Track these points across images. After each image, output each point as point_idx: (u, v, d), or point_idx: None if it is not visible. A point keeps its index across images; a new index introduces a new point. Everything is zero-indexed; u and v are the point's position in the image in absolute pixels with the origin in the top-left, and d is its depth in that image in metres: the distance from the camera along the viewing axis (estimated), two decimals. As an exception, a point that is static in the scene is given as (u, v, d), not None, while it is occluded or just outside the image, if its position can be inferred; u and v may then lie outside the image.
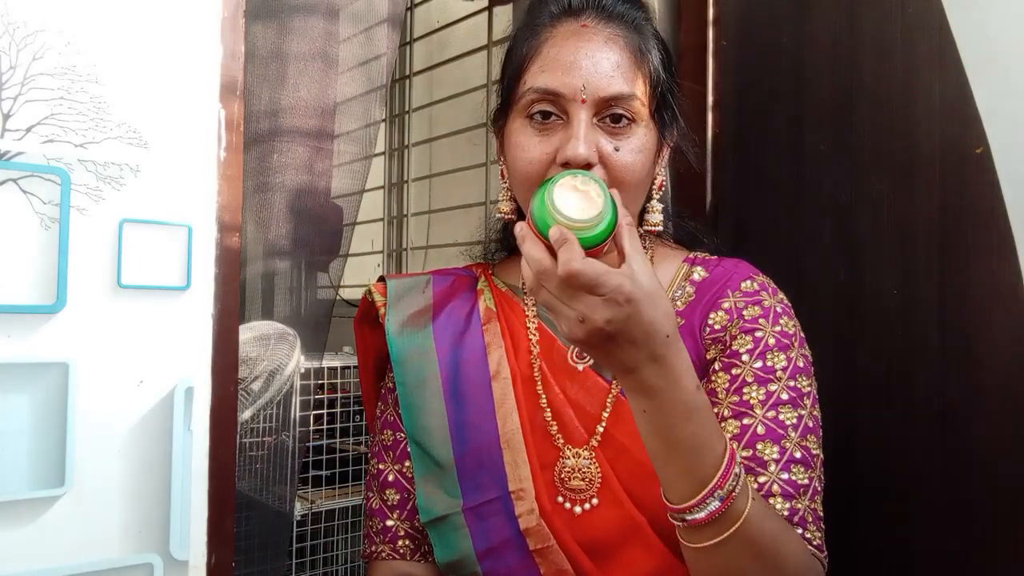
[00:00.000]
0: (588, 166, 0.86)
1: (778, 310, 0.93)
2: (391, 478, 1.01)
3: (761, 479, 0.85)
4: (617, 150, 0.87)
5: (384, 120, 2.41)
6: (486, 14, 2.07)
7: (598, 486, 0.90)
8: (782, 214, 1.28)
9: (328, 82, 1.62)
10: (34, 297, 0.73)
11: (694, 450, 0.73)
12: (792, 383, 0.89)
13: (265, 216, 1.58)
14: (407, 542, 0.99)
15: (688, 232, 1.08)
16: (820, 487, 0.88)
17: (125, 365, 0.77)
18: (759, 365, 0.89)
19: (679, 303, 0.96)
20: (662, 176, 0.97)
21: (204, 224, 0.81)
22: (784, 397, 0.88)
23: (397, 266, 2.54)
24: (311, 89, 1.59)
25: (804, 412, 0.88)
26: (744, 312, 0.92)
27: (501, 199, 0.98)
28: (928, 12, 1.08)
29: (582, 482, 0.91)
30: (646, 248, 1.00)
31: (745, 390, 0.89)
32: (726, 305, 0.93)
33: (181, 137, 0.80)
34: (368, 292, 1.06)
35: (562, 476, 0.91)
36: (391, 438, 1.02)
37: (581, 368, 0.94)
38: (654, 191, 0.96)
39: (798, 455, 0.86)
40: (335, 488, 1.84)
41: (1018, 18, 1.00)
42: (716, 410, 0.89)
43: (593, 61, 0.87)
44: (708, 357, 0.93)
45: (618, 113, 0.87)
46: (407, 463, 0.99)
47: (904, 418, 1.10)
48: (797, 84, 1.26)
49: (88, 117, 0.75)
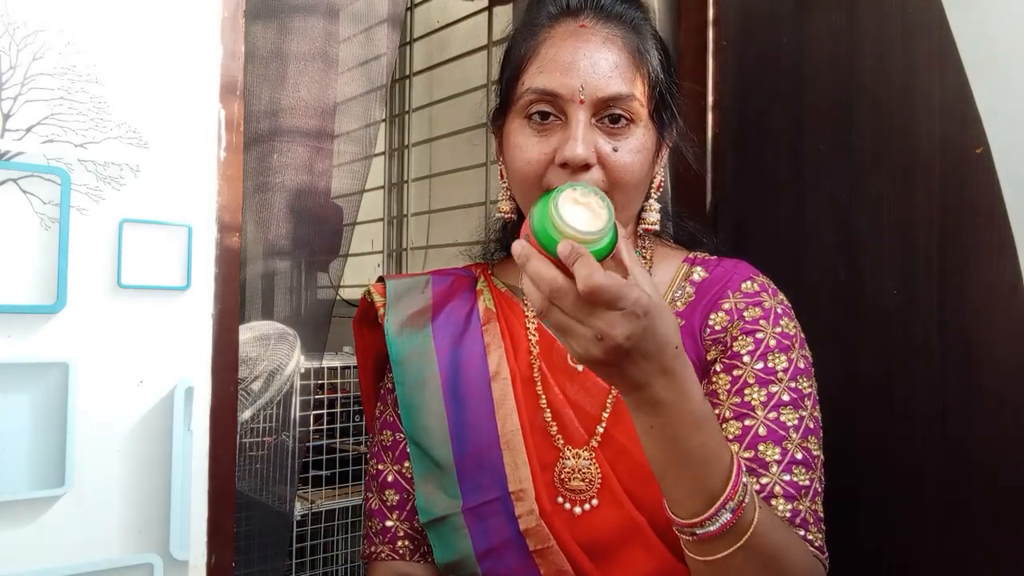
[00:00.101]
0: (587, 166, 0.86)
1: (778, 311, 0.93)
2: (390, 479, 1.01)
3: (763, 480, 0.85)
4: (616, 150, 0.87)
5: (384, 120, 2.41)
6: (486, 14, 2.07)
7: (598, 487, 0.90)
8: (782, 214, 1.28)
9: (328, 82, 1.62)
10: (34, 297, 0.73)
11: (703, 461, 0.72)
12: (793, 384, 0.89)
13: (265, 216, 1.58)
14: (406, 543, 0.99)
15: (688, 232, 1.08)
16: (821, 488, 0.88)
17: (125, 365, 0.77)
18: (760, 367, 0.89)
19: (679, 303, 0.96)
20: (661, 176, 0.97)
21: (204, 224, 0.81)
22: (785, 398, 0.88)
23: (397, 266, 2.54)
24: (311, 89, 1.59)
25: (805, 413, 0.88)
26: (745, 313, 0.92)
27: (501, 199, 0.98)
28: (928, 12, 1.08)
29: (582, 483, 0.91)
30: (645, 248, 1.01)
31: (746, 391, 0.89)
32: (726, 306, 0.93)
33: (181, 137, 0.80)
34: (367, 292, 1.06)
35: (562, 477, 0.91)
36: (390, 438, 1.02)
37: (581, 368, 0.94)
38: (652, 191, 0.96)
39: (799, 456, 0.86)
40: (335, 488, 1.84)
41: (1018, 18, 1.00)
42: (717, 411, 0.89)
43: (591, 61, 0.87)
44: (708, 358, 0.93)
45: (616, 113, 0.87)
46: (406, 463, 0.99)
47: (904, 418, 1.10)
48: (797, 84, 1.26)
49: (88, 117, 0.75)
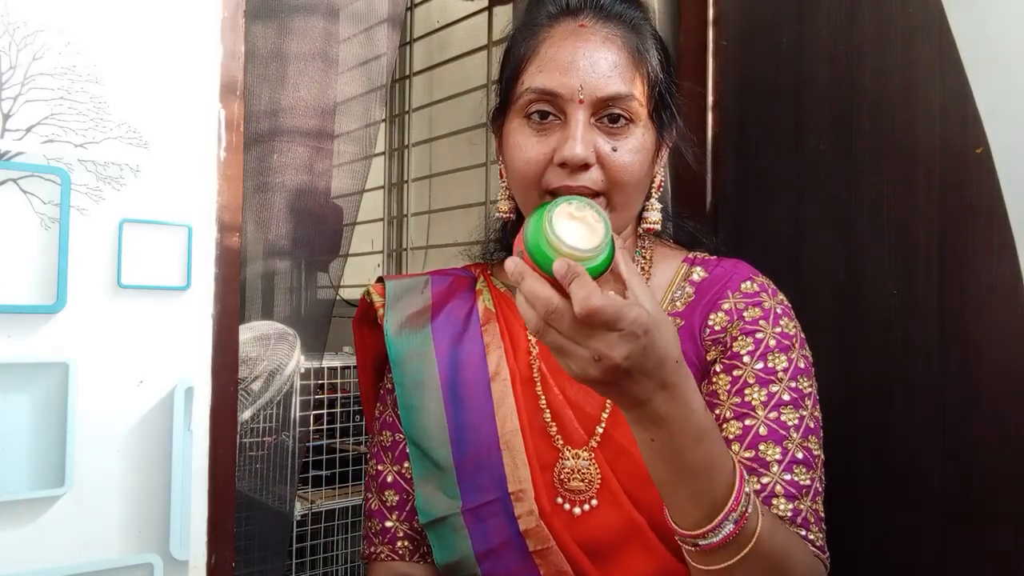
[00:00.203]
0: (586, 166, 0.86)
1: (778, 311, 0.93)
2: (390, 479, 1.01)
3: (764, 480, 0.85)
4: (615, 150, 0.87)
5: (384, 120, 2.41)
6: (486, 14, 2.07)
7: (597, 487, 0.90)
8: (782, 214, 1.28)
9: (328, 82, 1.62)
10: (34, 297, 0.73)
11: (705, 473, 0.71)
12: (793, 384, 0.89)
13: (265, 216, 1.58)
14: (406, 543, 0.99)
15: (688, 232, 1.08)
16: (821, 488, 0.88)
17: (125, 365, 0.77)
18: (760, 366, 0.89)
19: (678, 304, 0.96)
20: (661, 176, 0.97)
21: (204, 224, 0.81)
22: (786, 398, 0.88)
23: (397, 266, 2.54)
24: (311, 89, 1.59)
25: (805, 413, 0.88)
26: (744, 313, 0.92)
27: (500, 198, 0.98)
28: (928, 12, 1.08)
29: (581, 483, 0.90)
30: (645, 248, 1.01)
31: (747, 391, 0.89)
32: (726, 306, 0.93)
33: (181, 137, 0.80)
34: (367, 293, 1.06)
35: (561, 477, 0.91)
36: (390, 439, 1.02)
37: None
38: (653, 191, 0.96)
39: (800, 456, 0.86)
40: (335, 488, 1.84)
41: (1018, 18, 1.00)
42: (717, 411, 0.89)
43: (591, 61, 0.87)
44: (708, 358, 0.93)
45: (616, 113, 0.87)
46: (406, 464, 0.99)
47: (904, 418, 1.10)
48: (797, 84, 1.26)
49: (88, 117, 0.75)
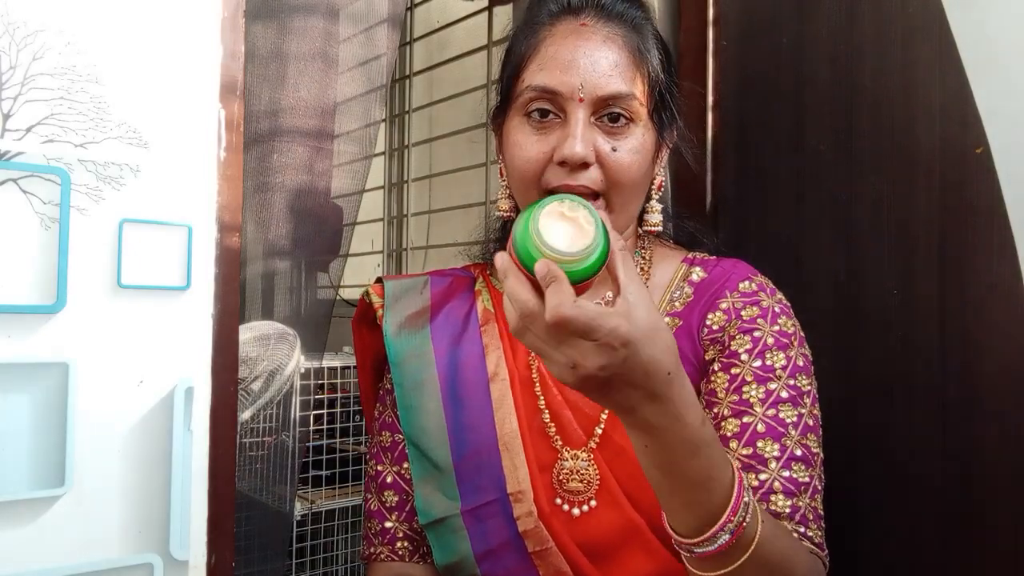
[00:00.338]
0: (585, 165, 0.86)
1: (776, 310, 0.93)
2: (389, 480, 1.01)
3: (762, 476, 0.85)
4: (615, 150, 0.87)
5: (384, 120, 2.41)
6: (486, 14, 2.07)
7: (596, 488, 0.90)
8: (782, 214, 1.28)
9: (328, 82, 1.62)
10: (34, 297, 0.73)
11: (700, 484, 0.70)
12: (792, 381, 0.89)
13: (265, 216, 1.58)
14: (406, 543, 0.99)
15: (688, 232, 1.08)
16: (820, 486, 0.88)
17: (125, 365, 0.77)
18: (758, 364, 0.89)
19: (677, 304, 0.96)
20: (661, 176, 0.97)
21: (204, 224, 0.81)
22: (784, 395, 0.88)
23: (397, 266, 2.54)
24: (311, 89, 1.59)
25: (804, 411, 0.88)
26: (742, 312, 0.92)
27: (500, 197, 0.98)
28: (928, 12, 1.08)
29: (580, 484, 0.90)
30: (645, 248, 1.01)
31: (744, 389, 0.88)
32: (724, 306, 0.93)
33: (181, 137, 0.80)
34: (366, 293, 1.06)
35: (560, 478, 0.91)
36: (389, 439, 1.02)
37: None
38: (653, 191, 0.96)
39: (799, 453, 0.86)
40: (335, 488, 1.84)
41: (1018, 18, 1.00)
42: (716, 410, 0.89)
43: (592, 60, 0.87)
44: (707, 358, 0.93)
45: (616, 112, 0.87)
46: (405, 464, 0.99)
47: (904, 418, 1.10)
48: (797, 84, 1.26)
49: (88, 117, 0.75)
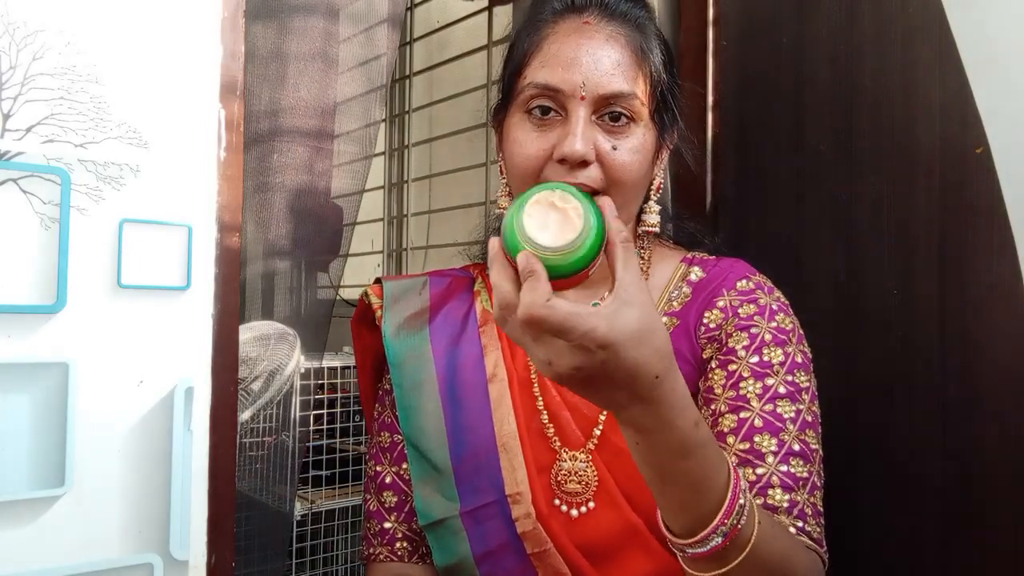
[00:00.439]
0: (584, 163, 0.86)
1: (774, 307, 0.93)
2: (388, 480, 1.01)
3: (759, 471, 0.84)
4: (615, 149, 0.87)
5: (384, 120, 2.41)
6: (486, 14, 2.07)
7: (594, 489, 0.90)
8: (782, 214, 1.28)
9: (328, 82, 1.62)
10: (34, 297, 0.73)
11: (692, 486, 0.68)
12: (790, 377, 0.88)
13: (265, 216, 1.58)
14: (405, 544, 0.99)
15: (688, 232, 1.08)
16: (820, 483, 0.87)
17: (125, 365, 0.77)
18: (755, 360, 0.89)
19: (675, 303, 0.96)
20: (660, 178, 0.96)
21: (204, 224, 0.81)
22: (782, 391, 0.87)
23: (397, 266, 2.54)
24: (311, 89, 1.59)
25: (803, 407, 0.87)
26: (739, 310, 0.92)
27: (500, 195, 0.98)
28: (928, 12, 1.08)
29: (578, 485, 0.90)
30: (644, 248, 1.00)
31: (742, 385, 0.88)
32: (721, 304, 0.93)
33: (181, 137, 0.80)
34: (364, 294, 1.05)
35: (558, 479, 0.91)
36: (388, 440, 1.02)
37: None
38: (652, 193, 0.96)
39: (797, 448, 0.85)
40: (335, 488, 1.84)
41: (1018, 18, 1.00)
42: (713, 406, 0.89)
43: (594, 58, 0.87)
44: (704, 356, 0.93)
45: (617, 111, 0.87)
46: (404, 465, 0.99)
47: (904, 418, 1.10)
48: (797, 84, 1.26)
49: (88, 117, 0.75)
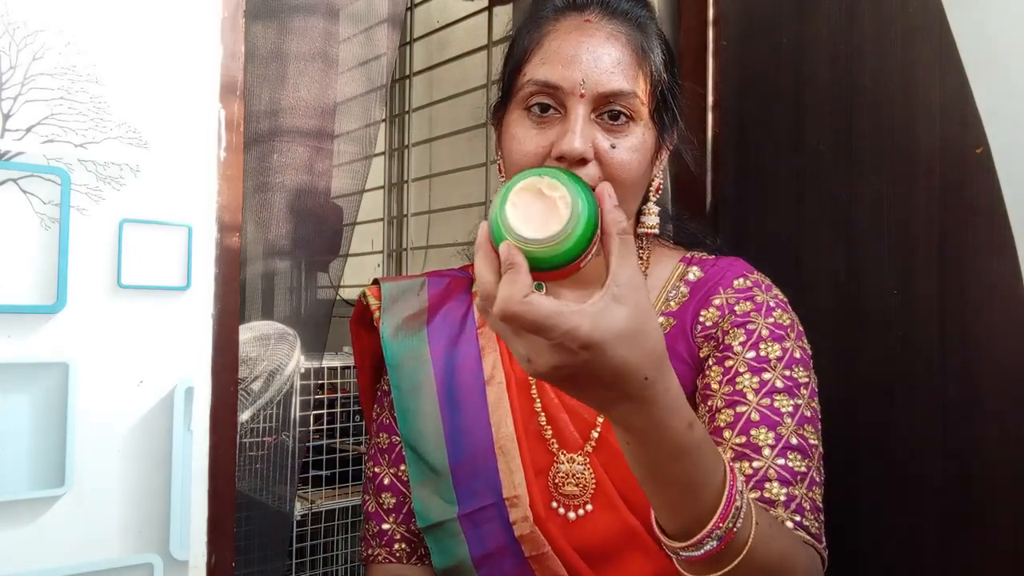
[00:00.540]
0: (583, 161, 0.85)
1: (771, 304, 0.93)
2: (387, 481, 1.01)
3: (756, 464, 0.83)
4: (614, 147, 0.86)
5: (384, 120, 2.41)
6: (486, 14, 2.07)
7: (592, 491, 0.89)
8: (782, 214, 1.28)
9: (328, 82, 1.62)
10: (34, 297, 0.73)
11: (685, 489, 0.66)
12: (788, 372, 0.88)
13: (265, 216, 1.58)
14: (403, 545, 0.99)
15: (688, 233, 1.08)
16: (819, 479, 0.86)
17: (125, 365, 0.77)
18: (752, 355, 0.89)
19: (673, 303, 0.96)
20: (659, 179, 0.96)
21: (204, 224, 0.81)
22: (779, 385, 0.87)
23: (397, 266, 2.54)
24: (311, 89, 1.59)
25: (801, 402, 0.87)
26: (736, 308, 0.92)
27: None
28: (928, 12, 1.08)
29: (576, 487, 0.90)
30: (643, 248, 1.00)
31: (738, 379, 0.88)
32: (717, 302, 0.93)
33: (181, 137, 0.80)
34: (363, 295, 1.05)
35: (556, 481, 0.91)
36: (387, 441, 1.02)
37: None
38: (651, 194, 0.95)
39: (794, 442, 0.84)
40: (335, 488, 1.84)
41: (1018, 18, 1.00)
42: (710, 403, 0.89)
43: (594, 56, 0.86)
44: (701, 355, 0.92)
45: (617, 110, 0.87)
46: (403, 466, 0.99)
47: (904, 418, 1.10)
48: (797, 84, 1.26)
49: (88, 117, 0.75)
